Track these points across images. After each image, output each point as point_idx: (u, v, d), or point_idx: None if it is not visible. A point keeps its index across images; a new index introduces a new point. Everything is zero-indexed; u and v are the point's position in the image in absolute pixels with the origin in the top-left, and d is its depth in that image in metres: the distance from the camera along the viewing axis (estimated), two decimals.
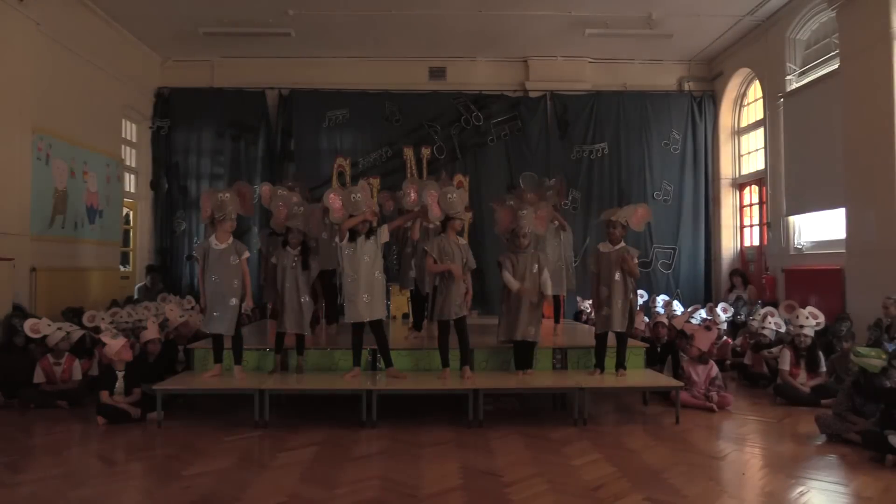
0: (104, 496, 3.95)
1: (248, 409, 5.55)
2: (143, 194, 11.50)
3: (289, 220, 6.12)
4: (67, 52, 8.85)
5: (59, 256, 8.52)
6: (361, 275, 5.75)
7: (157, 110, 11.48)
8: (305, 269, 6.08)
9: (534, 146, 11.56)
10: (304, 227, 6.08)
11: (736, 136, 11.74)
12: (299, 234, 6.06)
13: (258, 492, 3.97)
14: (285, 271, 6.01)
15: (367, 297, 5.76)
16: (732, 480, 4.29)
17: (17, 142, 7.73)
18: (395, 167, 11.43)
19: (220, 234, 5.84)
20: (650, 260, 11.31)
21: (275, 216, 6.48)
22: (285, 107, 11.49)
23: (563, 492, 3.97)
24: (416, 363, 6.26)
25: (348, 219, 5.76)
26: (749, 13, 9.76)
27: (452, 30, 10.36)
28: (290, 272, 6.01)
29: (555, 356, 6.35)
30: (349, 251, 5.77)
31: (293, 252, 6.05)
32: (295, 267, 6.02)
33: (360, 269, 5.75)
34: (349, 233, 5.78)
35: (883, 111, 7.40)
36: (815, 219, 9.40)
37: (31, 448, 4.96)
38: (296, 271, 6.02)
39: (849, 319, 7.18)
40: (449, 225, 5.98)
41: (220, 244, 5.82)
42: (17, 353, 6.61)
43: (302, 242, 6.10)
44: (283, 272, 6.01)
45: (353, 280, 5.74)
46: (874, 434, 4.61)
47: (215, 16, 9.69)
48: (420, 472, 4.32)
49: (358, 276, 5.74)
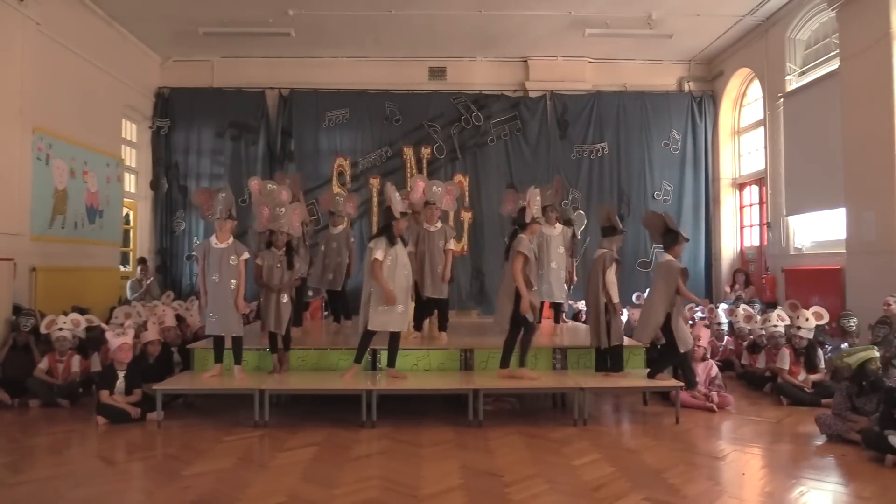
0: (104, 496, 3.95)
1: (248, 409, 5.55)
2: (143, 194, 11.51)
3: (271, 221, 6.10)
4: (67, 52, 8.86)
5: (59, 256, 8.51)
6: (401, 284, 5.76)
7: (157, 110, 11.49)
8: (290, 268, 6.08)
9: (534, 146, 11.57)
10: (286, 229, 6.09)
11: (736, 136, 11.74)
12: (284, 235, 6.07)
13: (258, 492, 3.97)
14: (271, 271, 6.00)
15: (402, 307, 5.78)
16: (732, 480, 4.29)
17: (17, 142, 7.73)
18: (395, 167, 11.46)
19: (221, 234, 5.84)
20: (650, 260, 11.31)
21: (257, 218, 6.47)
22: (285, 107, 11.49)
23: (563, 492, 3.97)
24: (416, 363, 6.26)
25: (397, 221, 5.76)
26: (749, 13, 9.77)
27: (452, 30, 10.36)
28: (276, 271, 5.99)
29: (555, 356, 6.36)
30: (391, 259, 5.74)
31: (278, 252, 6.04)
32: (280, 267, 6.01)
33: (398, 277, 5.75)
34: (388, 239, 5.74)
35: (883, 111, 7.40)
36: (815, 219, 9.40)
37: (31, 448, 4.96)
38: (280, 271, 6.00)
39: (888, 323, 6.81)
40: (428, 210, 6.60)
41: (220, 244, 5.82)
42: (19, 352, 6.63)
43: (287, 243, 6.10)
44: (269, 272, 6.00)
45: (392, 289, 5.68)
46: (874, 434, 4.61)
47: (215, 16, 9.69)
48: (420, 472, 4.32)
49: (396, 285, 5.72)
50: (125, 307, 7.87)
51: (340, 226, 7.42)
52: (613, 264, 6.03)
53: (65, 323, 6.57)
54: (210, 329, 5.88)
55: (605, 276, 5.95)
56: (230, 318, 5.79)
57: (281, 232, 6.02)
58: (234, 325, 5.83)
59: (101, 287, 9.40)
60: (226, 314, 5.77)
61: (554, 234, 7.21)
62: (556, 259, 7.13)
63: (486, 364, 6.24)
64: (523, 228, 5.87)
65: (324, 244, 7.39)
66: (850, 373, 5.11)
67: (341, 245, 7.33)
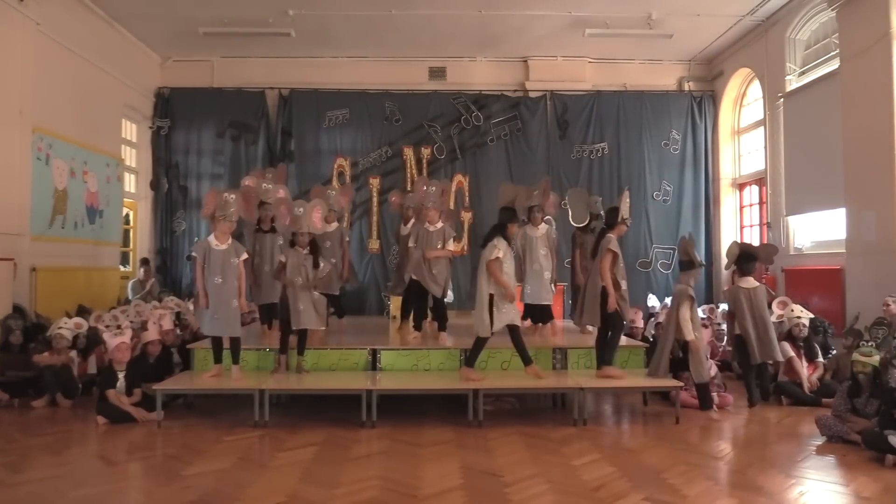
0: (104, 496, 3.96)
1: (248, 409, 5.55)
2: (143, 194, 11.50)
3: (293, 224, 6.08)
4: (67, 52, 8.86)
5: (59, 256, 8.51)
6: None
7: (157, 110, 11.49)
8: (315, 267, 6.06)
9: (534, 146, 11.56)
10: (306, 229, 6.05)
11: (736, 136, 11.74)
12: (307, 235, 6.07)
13: (258, 492, 3.97)
14: (296, 269, 5.98)
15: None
16: (732, 480, 4.29)
17: (17, 142, 7.74)
18: (395, 167, 11.46)
19: (220, 234, 5.84)
20: (650, 260, 11.32)
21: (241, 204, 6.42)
22: (285, 107, 11.49)
23: (563, 492, 3.97)
24: (416, 363, 6.26)
25: (512, 223, 5.88)
26: (749, 13, 9.77)
27: (452, 30, 10.36)
28: (302, 270, 5.97)
29: (555, 356, 6.36)
30: (508, 258, 5.81)
31: (303, 252, 6.03)
32: (305, 266, 6.00)
33: (511, 277, 5.84)
34: (504, 238, 5.80)
35: (883, 111, 7.40)
36: (815, 219, 9.40)
37: (31, 448, 4.95)
38: (306, 270, 6.00)
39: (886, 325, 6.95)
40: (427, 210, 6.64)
41: (220, 245, 5.82)
42: (15, 353, 6.62)
43: (312, 241, 6.10)
44: (294, 270, 5.97)
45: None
46: (874, 434, 4.61)
47: (215, 16, 9.69)
48: (420, 472, 4.32)
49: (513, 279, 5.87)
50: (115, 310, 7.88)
51: (334, 223, 7.13)
52: (688, 301, 6.00)
53: (65, 323, 6.58)
54: (210, 330, 5.88)
55: (679, 312, 5.96)
56: (232, 318, 5.80)
57: (302, 233, 6.02)
58: (236, 325, 5.85)
59: (101, 287, 9.41)
60: (228, 315, 5.77)
61: (538, 234, 7.15)
62: (540, 261, 7.05)
63: (486, 364, 6.23)
64: (611, 228, 5.94)
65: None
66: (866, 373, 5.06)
67: (335, 244, 7.07)
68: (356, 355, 6.26)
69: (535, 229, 7.15)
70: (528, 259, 7.06)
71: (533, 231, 7.14)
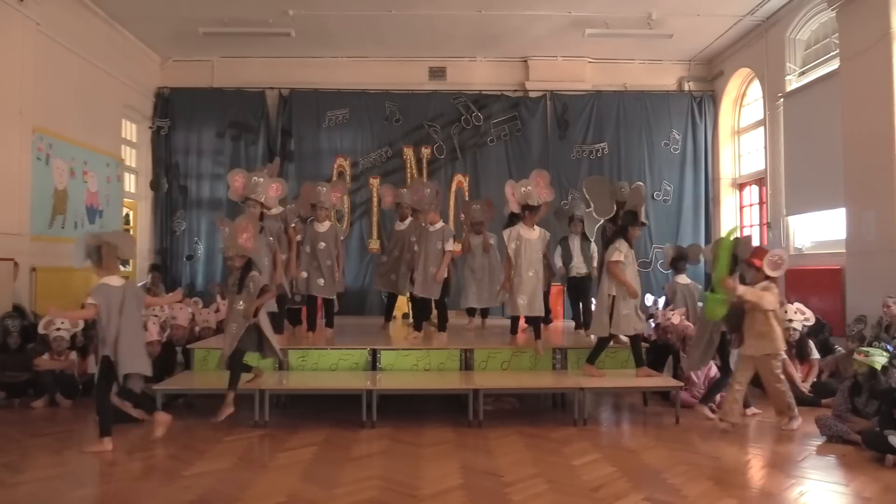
0: (104, 496, 3.96)
1: (249, 409, 5.55)
2: (143, 194, 11.50)
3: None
4: (68, 52, 8.85)
5: (60, 256, 8.49)
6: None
7: (157, 110, 11.48)
8: (238, 292, 5.56)
9: (534, 146, 11.56)
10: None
11: (736, 136, 11.74)
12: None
13: (258, 492, 3.97)
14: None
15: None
16: (732, 480, 4.29)
17: (17, 141, 7.73)
18: (395, 167, 11.46)
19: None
20: (650, 260, 11.31)
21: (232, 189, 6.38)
22: (285, 107, 11.49)
23: (563, 492, 3.97)
24: (416, 363, 6.26)
25: (634, 227, 5.96)
26: (749, 13, 9.76)
27: (452, 30, 10.36)
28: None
29: (555, 356, 6.35)
30: (628, 260, 5.89)
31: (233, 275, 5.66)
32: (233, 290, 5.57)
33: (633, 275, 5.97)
34: (626, 240, 5.88)
35: (883, 111, 7.40)
36: (815, 219, 9.40)
37: (31, 448, 4.95)
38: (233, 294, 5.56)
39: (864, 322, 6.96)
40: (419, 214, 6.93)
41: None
42: (13, 353, 6.61)
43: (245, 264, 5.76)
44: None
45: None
46: (874, 434, 4.61)
47: (215, 16, 9.69)
48: (420, 472, 4.32)
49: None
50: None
51: (327, 221, 6.75)
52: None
53: (63, 323, 6.54)
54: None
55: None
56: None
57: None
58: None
59: None
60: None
61: (533, 237, 6.34)
62: (535, 267, 6.28)
63: (486, 364, 6.24)
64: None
65: (308, 244, 6.67)
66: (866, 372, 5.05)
67: (330, 245, 6.70)
68: (356, 355, 6.26)
69: (530, 231, 6.33)
70: (524, 264, 6.23)
71: (528, 233, 6.32)
